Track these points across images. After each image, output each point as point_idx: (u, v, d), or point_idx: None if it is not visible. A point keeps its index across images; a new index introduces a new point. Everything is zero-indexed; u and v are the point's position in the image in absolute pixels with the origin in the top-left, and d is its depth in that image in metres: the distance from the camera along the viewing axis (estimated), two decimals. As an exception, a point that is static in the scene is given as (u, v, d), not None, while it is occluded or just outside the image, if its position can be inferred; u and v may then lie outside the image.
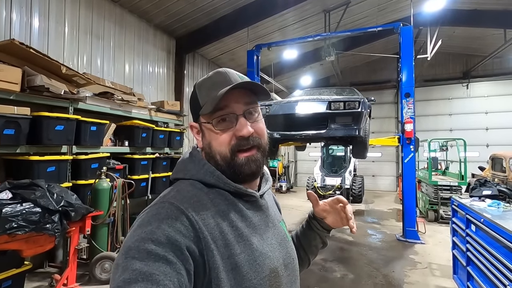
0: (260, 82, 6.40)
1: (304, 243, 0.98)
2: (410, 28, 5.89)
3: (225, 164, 0.71)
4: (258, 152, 0.73)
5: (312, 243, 0.98)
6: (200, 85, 0.75)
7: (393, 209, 8.80)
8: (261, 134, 0.75)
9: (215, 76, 0.74)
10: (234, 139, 0.70)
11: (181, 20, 6.74)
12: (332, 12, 7.78)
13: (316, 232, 0.96)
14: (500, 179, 6.71)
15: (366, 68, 13.14)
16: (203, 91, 0.74)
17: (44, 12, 4.37)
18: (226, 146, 0.70)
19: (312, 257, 1.01)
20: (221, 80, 0.72)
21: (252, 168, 0.71)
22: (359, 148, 4.70)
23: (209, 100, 0.70)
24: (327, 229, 0.96)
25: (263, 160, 0.75)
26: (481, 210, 2.66)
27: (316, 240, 0.97)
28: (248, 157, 0.71)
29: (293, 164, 14.47)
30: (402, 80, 5.84)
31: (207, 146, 0.74)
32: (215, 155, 0.72)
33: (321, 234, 0.97)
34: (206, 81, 0.75)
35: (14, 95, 3.26)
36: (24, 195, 2.65)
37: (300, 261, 0.96)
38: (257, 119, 0.75)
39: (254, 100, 0.75)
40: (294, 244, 0.96)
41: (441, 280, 3.86)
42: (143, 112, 5.31)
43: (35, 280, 3.63)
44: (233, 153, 0.70)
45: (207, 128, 0.73)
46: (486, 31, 9.11)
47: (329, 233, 0.98)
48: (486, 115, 11.32)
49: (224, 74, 0.74)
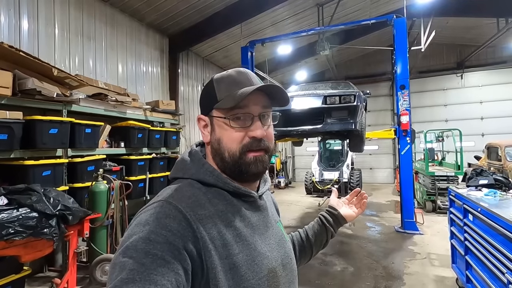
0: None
1: (314, 236, 1.05)
2: (404, 20, 5.88)
3: (231, 162, 0.70)
4: (266, 155, 0.73)
5: (322, 237, 1.05)
6: (220, 80, 0.74)
7: (391, 201, 8.86)
8: (271, 139, 0.76)
9: (237, 74, 0.74)
10: (246, 139, 0.70)
11: (173, 18, 6.67)
12: (325, 6, 7.76)
13: (329, 227, 1.05)
14: (496, 168, 6.78)
15: (361, 61, 13.15)
16: (222, 86, 0.72)
17: (33, 14, 4.29)
18: (238, 144, 0.70)
19: (316, 250, 1.06)
20: (243, 80, 0.72)
21: (258, 168, 0.71)
22: (356, 141, 4.71)
23: (231, 96, 0.69)
24: (341, 223, 1.07)
25: (269, 163, 0.76)
26: (478, 200, 2.68)
27: (326, 234, 1.05)
28: (257, 157, 0.71)
29: (290, 159, 14.50)
30: (397, 72, 5.85)
31: (216, 142, 0.72)
32: (224, 151, 0.71)
33: (334, 228, 1.06)
34: (227, 77, 0.74)
35: (6, 99, 3.20)
36: (20, 200, 2.62)
37: (303, 253, 1.03)
38: (270, 124, 0.76)
39: (269, 104, 0.75)
40: (300, 237, 1.04)
41: (440, 270, 3.90)
42: (138, 112, 5.27)
43: (35, 285, 3.62)
44: (243, 152, 0.70)
45: (220, 122, 0.72)
46: (479, 20, 9.13)
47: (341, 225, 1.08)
48: (481, 104, 11.40)
49: (246, 74, 0.74)
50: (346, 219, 1.07)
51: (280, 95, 0.73)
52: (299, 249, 1.02)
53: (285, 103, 0.75)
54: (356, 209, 1.11)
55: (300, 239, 1.04)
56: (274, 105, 0.76)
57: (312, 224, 1.07)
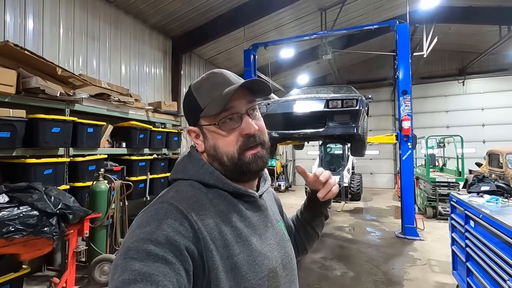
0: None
1: (309, 218, 0.99)
2: (406, 26, 5.90)
3: (231, 165, 0.70)
4: (263, 149, 0.73)
5: (316, 220, 1.00)
6: (198, 87, 0.73)
7: (391, 206, 8.83)
8: (264, 131, 0.75)
9: (213, 77, 0.73)
10: (240, 138, 0.70)
11: (177, 20, 6.71)
12: (328, 11, 7.79)
13: (316, 210, 0.97)
14: (497, 175, 6.75)
15: (363, 66, 13.17)
16: (202, 93, 0.72)
17: (38, 14, 4.32)
18: (234, 145, 0.70)
19: (319, 230, 1.01)
20: (221, 80, 0.72)
21: (259, 165, 0.72)
22: (357, 146, 4.70)
23: (213, 102, 0.69)
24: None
25: (268, 158, 0.75)
26: (480, 206, 2.67)
27: (317, 215, 0.99)
28: (255, 154, 0.71)
29: (291, 163, 14.48)
30: (399, 78, 5.86)
31: (212, 149, 0.72)
32: (222, 156, 0.71)
33: (322, 209, 0.97)
34: (204, 82, 0.73)
35: (9, 97, 3.22)
36: (21, 198, 2.62)
37: (308, 236, 1.01)
38: (258, 117, 0.76)
39: (254, 98, 0.75)
40: (299, 222, 1.00)
41: (441, 276, 3.88)
42: (140, 113, 5.28)
43: (34, 284, 3.60)
44: (241, 152, 0.70)
45: (210, 130, 0.72)
46: (481, 27, 9.16)
47: (329, 204, 0.98)
48: (482, 111, 11.39)
49: (222, 74, 0.73)
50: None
51: (261, 87, 0.73)
52: (299, 227, 1.02)
53: (268, 93, 0.75)
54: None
55: (296, 218, 1.03)
56: (258, 97, 0.76)
57: (300, 210, 1.03)
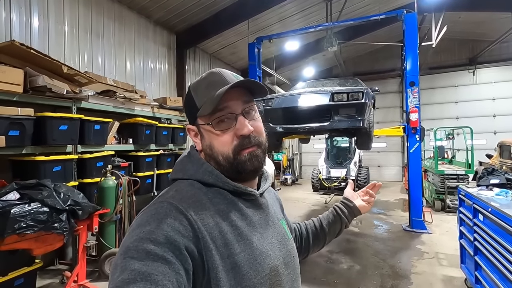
0: (262, 75, 6.19)
1: (328, 225, 1.08)
2: (414, 15, 5.75)
3: (227, 164, 0.71)
4: (259, 149, 0.73)
5: (336, 227, 1.09)
6: (196, 87, 0.74)
7: (399, 199, 8.76)
8: (260, 132, 0.75)
9: (210, 76, 0.73)
10: (235, 139, 0.70)
11: (180, 15, 6.68)
12: (333, 1, 7.63)
13: (343, 218, 1.08)
14: (508, 167, 6.62)
15: (369, 58, 12.93)
16: (199, 93, 0.72)
17: (43, 12, 4.35)
18: (229, 146, 0.70)
19: (329, 239, 1.10)
20: (217, 80, 0.72)
21: (254, 164, 0.72)
22: (364, 139, 4.65)
23: (207, 101, 0.69)
24: (356, 214, 1.10)
25: (264, 158, 0.75)
26: (489, 199, 2.62)
27: (340, 225, 1.09)
28: (251, 153, 0.71)
29: (297, 156, 14.45)
30: (407, 69, 5.74)
31: (208, 148, 0.73)
32: (217, 156, 0.71)
33: (349, 219, 1.09)
34: (201, 82, 0.74)
35: (17, 96, 3.27)
36: (32, 195, 2.68)
37: (316, 241, 1.08)
38: (255, 117, 0.75)
39: (251, 98, 0.75)
40: (314, 226, 1.10)
41: (449, 270, 3.85)
42: (146, 109, 5.32)
43: (47, 277, 3.71)
44: (236, 152, 0.70)
45: (206, 129, 0.73)
46: (493, 15, 8.86)
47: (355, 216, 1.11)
48: (494, 101, 11.10)
49: (219, 74, 0.73)
50: (361, 210, 1.10)
51: (256, 88, 0.73)
52: (313, 237, 1.07)
53: (263, 93, 0.75)
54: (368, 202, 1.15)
55: (314, 228, 1.09)
56: (255, 98, 0.76)
57: (327, 214, 1.11)
